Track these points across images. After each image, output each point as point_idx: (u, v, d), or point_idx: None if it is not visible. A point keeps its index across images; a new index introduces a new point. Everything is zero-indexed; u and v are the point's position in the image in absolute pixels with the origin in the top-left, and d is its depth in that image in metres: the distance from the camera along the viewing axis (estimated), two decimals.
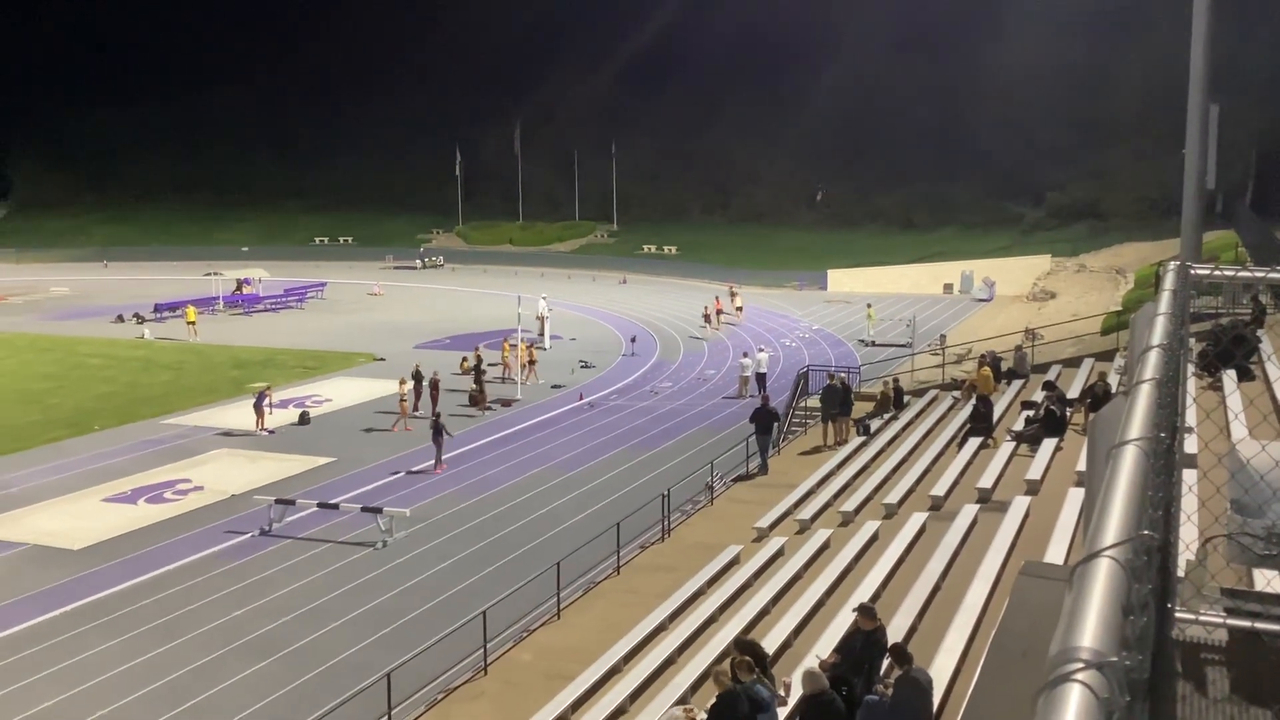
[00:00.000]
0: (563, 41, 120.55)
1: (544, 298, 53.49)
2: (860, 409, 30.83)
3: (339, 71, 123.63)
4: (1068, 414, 24.27)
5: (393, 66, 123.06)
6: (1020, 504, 19.02)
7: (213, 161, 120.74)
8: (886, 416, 30.13)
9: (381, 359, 47.44)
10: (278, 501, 25.50)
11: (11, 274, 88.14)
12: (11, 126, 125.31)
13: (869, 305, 56.10)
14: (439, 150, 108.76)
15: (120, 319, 59.63)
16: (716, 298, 62.05)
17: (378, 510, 24.76)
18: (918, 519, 19.77)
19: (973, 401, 26.85)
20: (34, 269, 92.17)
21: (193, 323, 54.62)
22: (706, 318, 57.96)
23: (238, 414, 36.44)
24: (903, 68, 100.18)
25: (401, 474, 29.97)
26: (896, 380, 32.77)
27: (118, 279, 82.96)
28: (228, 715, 16.52)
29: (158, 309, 60.82)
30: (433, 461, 30.26)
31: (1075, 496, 17.36)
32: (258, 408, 34.42)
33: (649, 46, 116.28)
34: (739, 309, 61.45)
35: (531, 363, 42.48)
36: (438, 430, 30.14)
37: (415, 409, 35.71)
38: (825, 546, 19.73)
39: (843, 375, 31.17)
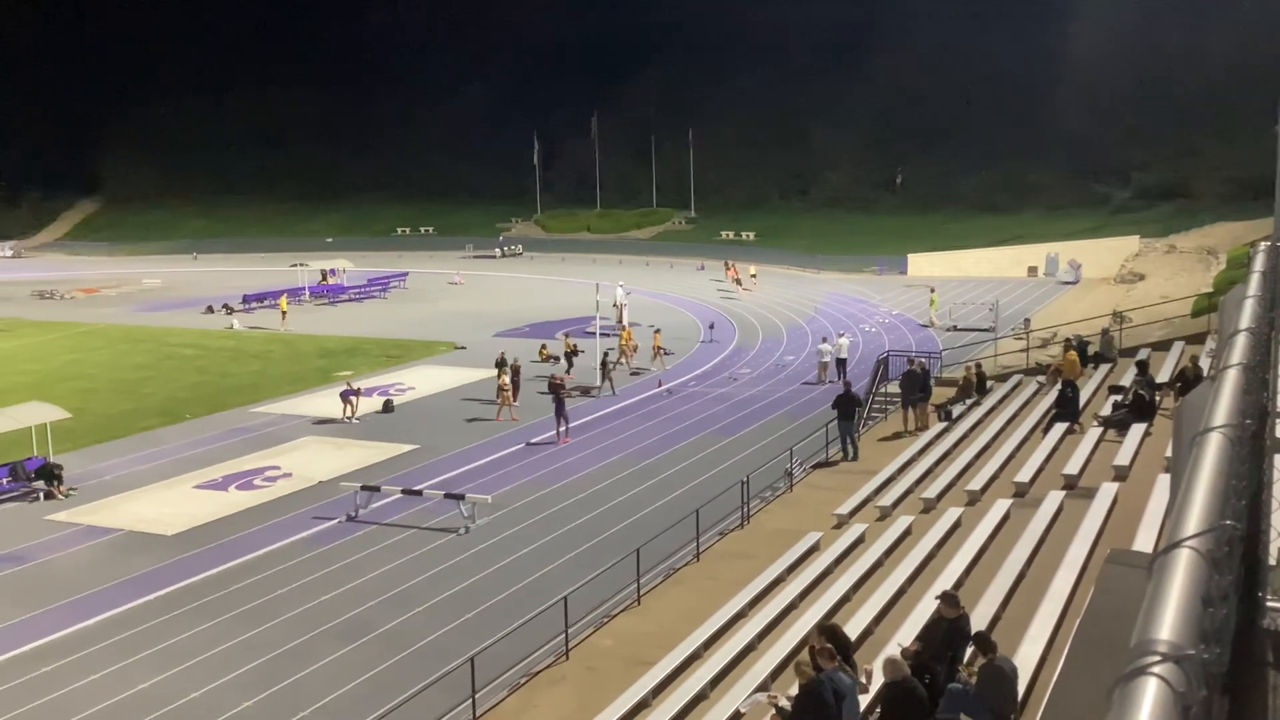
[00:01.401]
0: (639, 29, 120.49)
1: (621, 285, 53.62)
2: (942, 394, 30.47)
3: (418, 64, 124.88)
4: (1157, 398, 23.74)
5: (472, 58, 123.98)
6: (1108, 491, 18.66)
7: (297, 155, 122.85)
8: (969, 402, 29.70)
9: (462, 348, 47.97)
10: (363, 488, 25.95)
11: (105, 267, 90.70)
12: (103, 123, 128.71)
13: (932, 290, 55.35)
14: (517, 140, 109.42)
15: (210, 310, 61.08)
16: (734, 265, 71.85)
17: (460, 497, 25.08)
18: (1001, 506, 19.51)
19: (1058, 386, 26.38)
20: (126, 262, 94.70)
21: (285, 312, 55.91)
22: (738, 281, 67.96)
23: (324, 402, 37.14)
24: (982, 47, 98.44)
25: (521, 445, 31.65)
26: (979, 365, 32.29)
27: (207, 271, 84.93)
28: (317, 698, 16.89)
29: (246, 300, 62.19)
30: (554, 433, 31.93)
31: (1164, 483, 16.98)
32: (345, 397, 35.02)
33: (725, 31, 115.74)
34: (753, 276, 69.54)
35: (633, 349, 43.02)
36: (560, 403, 31.94)
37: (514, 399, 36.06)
38: (907, 533, 19.55)
39: (922, 360, 30.81)
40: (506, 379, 35.40)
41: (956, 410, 28.89)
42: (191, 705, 16.76)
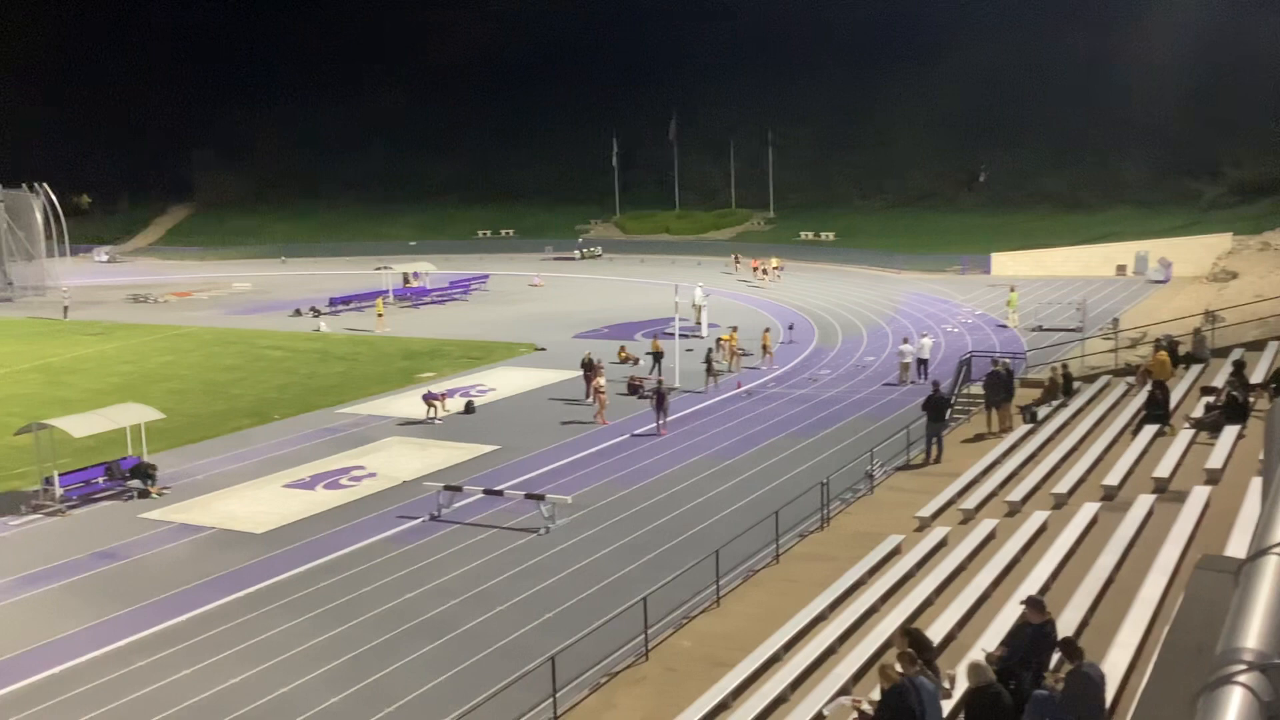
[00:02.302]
0: (717, 30, 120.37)
1: (700, 286, 53.56)
2: (1027, 395, 30.00)
3: (498, 68, 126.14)
4: (1250, 400, 23.11)
5: (551, 61, 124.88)
6: (1199, 494, 18.24)
7: (380, 158, 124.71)
8: (1055, 403, 29.20)
9: (542, 349, 48.31)
10: (446, 488, 26.28)
11: (196, 271, 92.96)
12: (194, 130, 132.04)
13: (1011, 289, 54.39)
14: (596, 141, 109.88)
15: (297, 313, 62.29)
16: (755, 259, 77.58)
17: (540, 497, 25.28)
18: (1089, 509, 19.15)
19: (1148, 387, 25.81)
20: (217, 266, 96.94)
21: (381, 314, 56.88)
22: (765, 272, 73.15)
23: (408, 403, 37.68)
24: (1067, 40, 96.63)
25: (627, 436, 32.81)
26: (1065, 366, 31.72)
27: (294, 274, 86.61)
28: (401, 694, 17.15)
29: (332, 303, 63.35)
30: (655, 425, 32.95)
31: (1258, 487, 16.52)
32: (428, 400, 35.47)
33: (804, 30, 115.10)
34: (776, 269, 74.37)
35: (736, 353, 42.82)
36: (660, 397, 32.93)
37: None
38: (991, 537, 19.28)
39: (1006, 361, 30.36)
40: (603, 380, 35.52)
41: (1042, 412, 28.42)
42: (280, 700, 17.12)
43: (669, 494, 27.00)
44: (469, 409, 36.82)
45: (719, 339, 43.68)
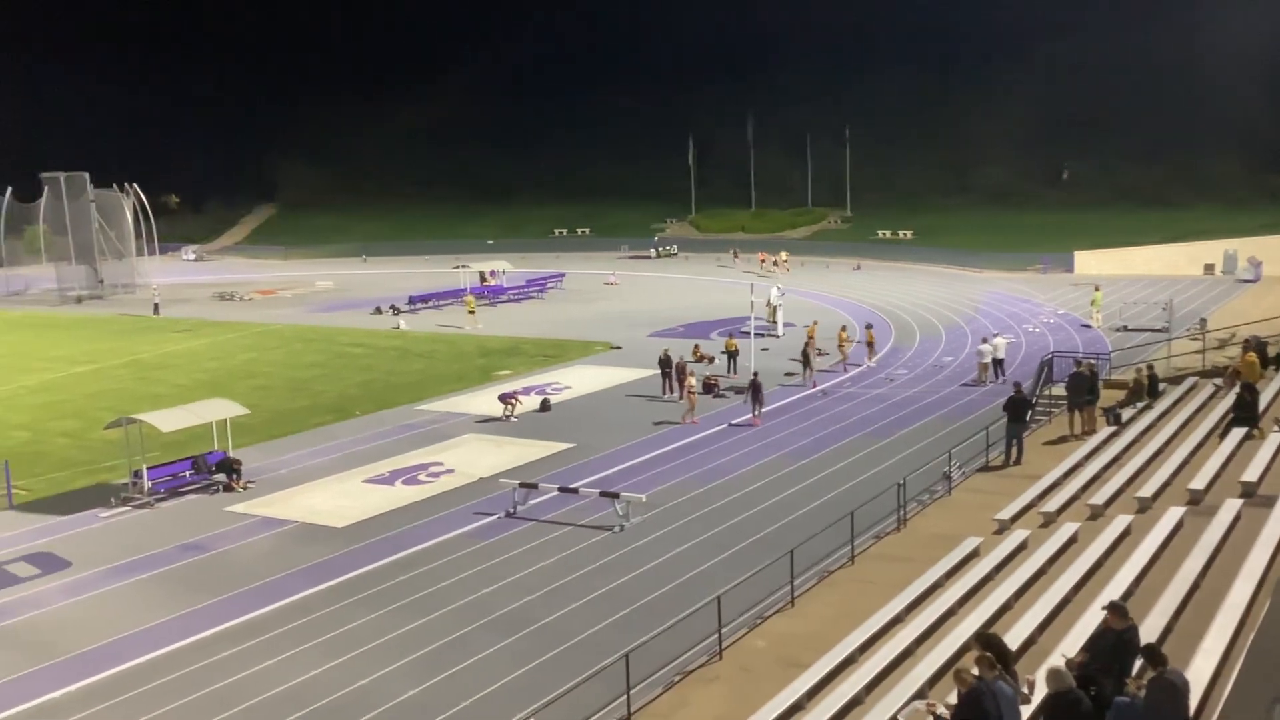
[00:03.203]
0: (793, 27, 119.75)
1: (776, 286, 53.35)
2: (1111, 397, 29.45)
3: (574, 66, 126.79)
4: None
5: (628, 60, 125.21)
6: None
7: (458, 158, 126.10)
8: (1139, 405, 28.64)
9: (618, 348, 48.51)
10: (521, 485, 26.51)
11: (280, 269, 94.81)
12: (276, 131, 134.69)
13: (1096, 288, 53.31)
14: (672, 140, 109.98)
15: (378, 310, 63.27)
16: (761, 253, 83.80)
17: (615, 495, 25.39)
18: (1174, 514, 18.78)
19: (1236, 389, 25.20)
20: (300, 264, 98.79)
21: (473, 311, 57.76)
22: (775, 263, 79.22)
23: (485, 400, 38.07)
24: (1152, 34, 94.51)
25: (724, 426, 33.67)
26: (1151, 367, 31.08)
27: (375, 273, 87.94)
28: (478, 688, 17.35)
29: (411, 301, 64.26)
30: (749, 415, 34.10)
31: None
32: (505, 400, 35.80)
33: (880, 26, 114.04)
34: (785, 260, 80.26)
35: (840, 347, 42.69)
36: (756, 389, 33.80)
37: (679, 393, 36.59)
38: (1072, 540, 18.99)
39: (1091, 361, 29.83)
40: (694, 380, 35.58)
41: (1126, 414, 27.89)
42: (359, 692, 17.42)
43: (743, 493, 26.96)
44: (545, 407, 37.08)
45: (810, 328, 43.87)
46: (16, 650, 19.44)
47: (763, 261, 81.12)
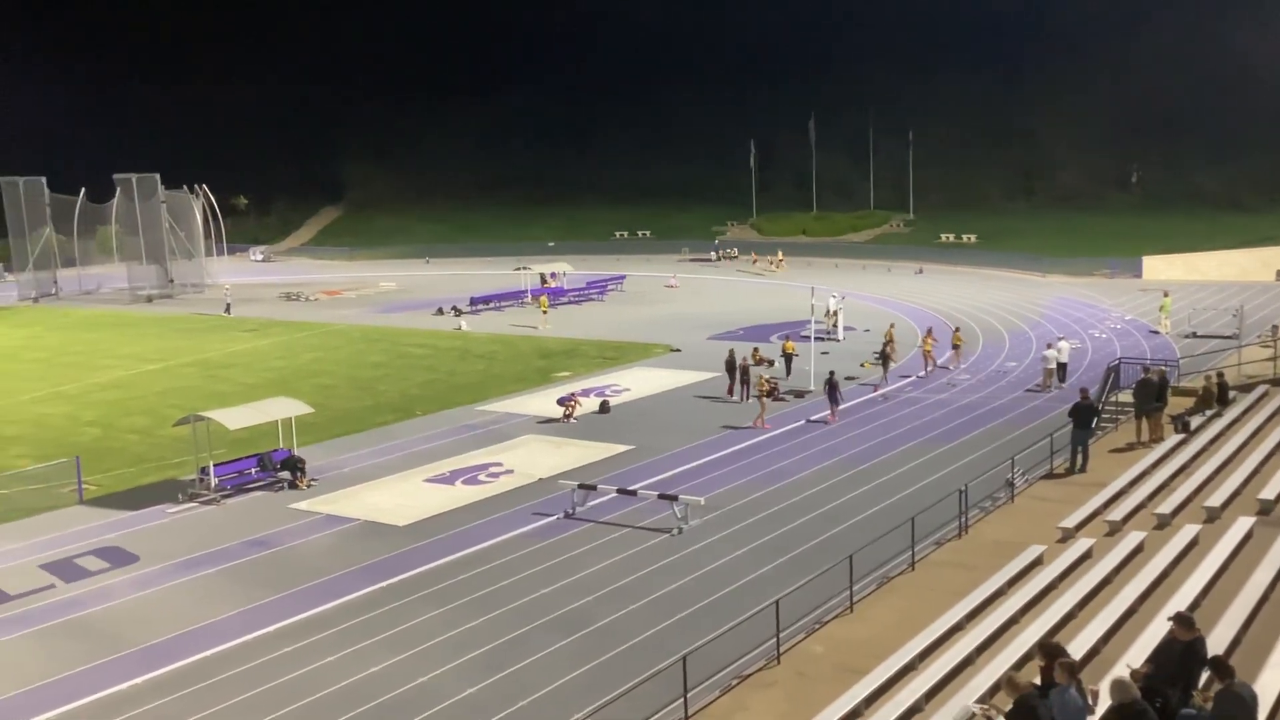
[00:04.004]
0: (855, 29, 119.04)
1: (834, 295, 52.95)
2: (1179, 405, 28.91)
3: (636, 69, 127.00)
4: None
5: (688, 62, 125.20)
6: None
7: (520, 160, 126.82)
8: (1209, 413, 28.07)
9: (677, 350, 48.50)
10: (580, 486, 26.61)
11: (345, 270, 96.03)
12: (344, 133, 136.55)
13: (1165, 294, 52.33)
14: (734, 142, 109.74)
15: (440, 311, 63.86)
16: (754, 253, 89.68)
17: (674, 497, 25.38)
18: (1243, 524, 18.40)
19: None
20: (365, 265, 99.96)
21: (545, 311, 58.29)
22: (771, 264, 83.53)
23: (544, 402, 38.27)
24: (1223, 34, 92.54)
25: (802, 423, 34.41)
26: (1221, 374, 30.45)
27: (437, 274, 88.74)
28: (537, 687, 17.44)
29: (473, 302, 64.81)
30: (826, 412, 34.81)
31: None
32: (564, 403, 35.97)
33: (945, 26, 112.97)
34: (780, 260, 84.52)
35: (925, 353, 42.15)
36: (833, 386, 34.27)
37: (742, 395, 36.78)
38: (1138, 550, 18.68)
39: (1161, 368, 29.31)
40: (765, 382, 35.55)
41: (1195, 422, 27.36)
42: (420, 689, 17.59)
43: (803, 497, 26.84)
44: (604, 409, 37.19)
45: (889, 330, 43.96)
46: (86, 642, 19.89)
47: (754, 261, 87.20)
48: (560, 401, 36.14)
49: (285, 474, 29.56)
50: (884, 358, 40.87)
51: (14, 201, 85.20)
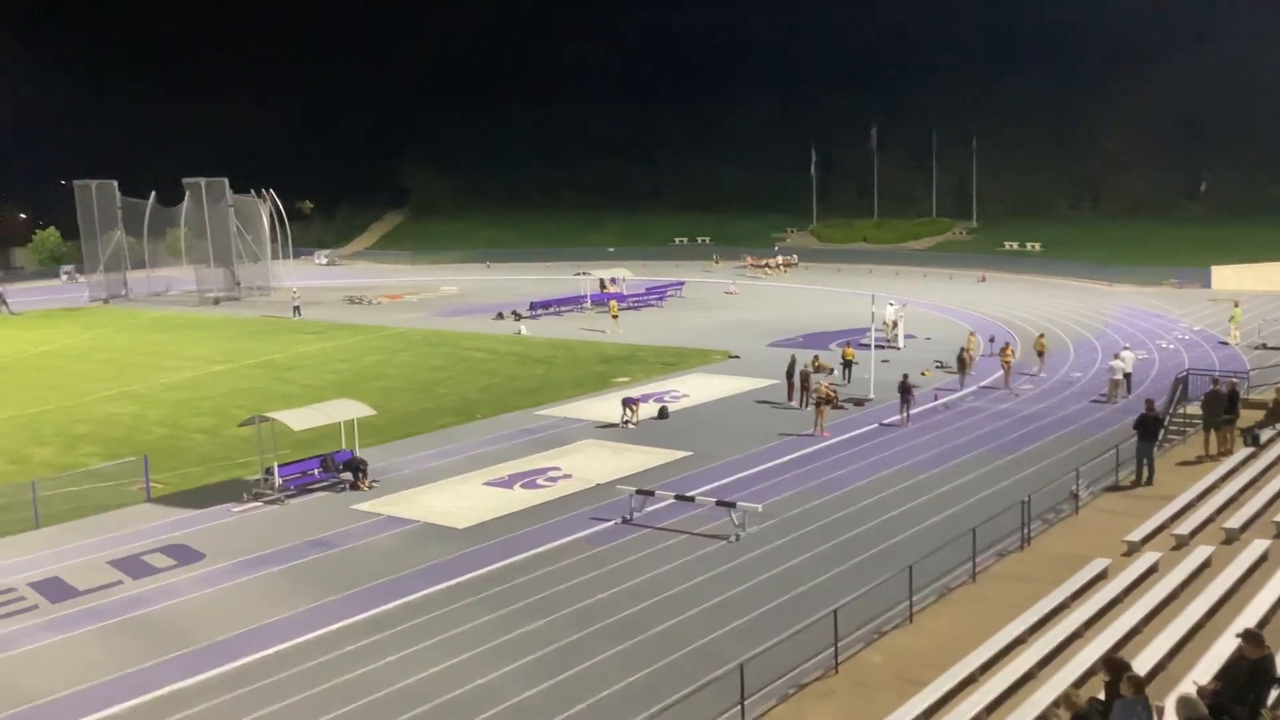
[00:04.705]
0: (919, 35, 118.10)
1: (892, 304, 52.52)
2: (1249, 417, 28.30)
3: (698, 76, 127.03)
4: None
5: (749, 69, 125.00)
6: None
7: (581, 167, 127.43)
8: (1279, 427, 27.45)
9: (736, 357, 48.41)
10: (638, 492, 26.63)
11: (408, 274, 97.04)
12: (409, 140, 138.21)
13: (1236, 304, 51.24)
14: (795, 149, 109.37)
15: (500, 316, 64.30)
16: (750, 258, 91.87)
17: (731, 504, 25.32)
18: None
19: None
20: (427, 270, 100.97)
21: (616, 316, 58.85)
22: (771, 267, 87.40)
23: (603, 406, 38.37)
24: None
25: (875, 425, 34.81)
26: None
27: (498, 279, 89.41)
28: (593, 692, 17.47)
29: (533, 307, 65.17)
30: (898, 416, 35.10)
31: None
32: (627, 405, 36.10)
33: (1009, 34, 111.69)
34: (780, 264, 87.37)
35: (1005, 363, 41.18)
36: (906, 390, 34.81)
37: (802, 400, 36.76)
38: (1205, 565, 18.32)
39: (1233, 380, 28.74)
40: (825, 389, 35.43)
41: (1265, 435, 26.77)
42: (477, 691, 17.70)
43: (861, 506, 26.65)
44: (663, 414, 37.20)
45: (970, 338, 44.38)
46: (152, 638, 20.25)
47: (750, 265, 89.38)
48: (625, 402, 36.19)
49: (347, 475, 29.90)
50: (961, 364, 40.72)
51: (86, 204, 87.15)
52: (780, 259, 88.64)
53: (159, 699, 17.84)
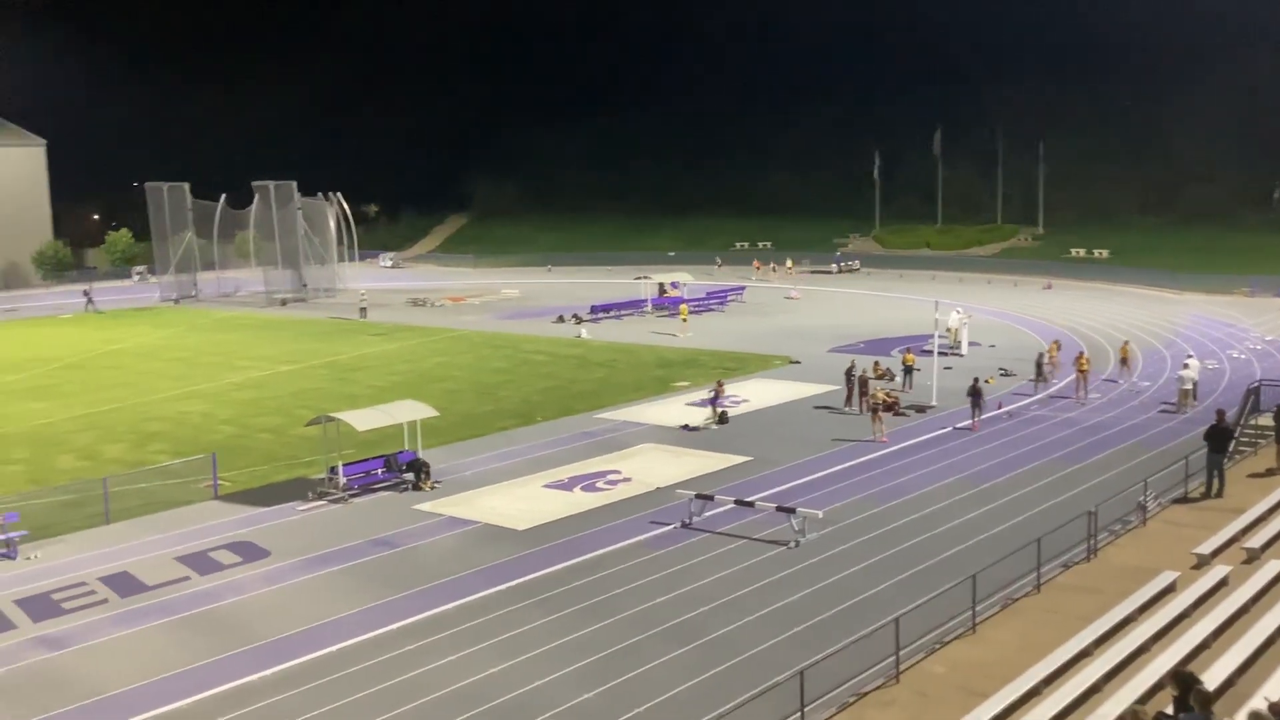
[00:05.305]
0: (986, 38, 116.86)
1: (957, 310, 51.98)
2: None
3: (759, 82, 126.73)
4: None
5: (812, 75, 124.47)
6: None
7: (641, 172, 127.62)
8: None
9: (796, 362, 48.18)
10: (697, 496, 26.60)
11: (470, 277, 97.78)
12: (473, 145, 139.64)
13: None
14: (857, 154, 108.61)
15: (560, 319, 64.57)
16: (756, 261, 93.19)
17: (791, 510, 25.20)
18: None
19: None
20: (489, 273, 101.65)
21: (685, 320, 58.88)
22: (776, 269, 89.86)
23: (661, 410, 38.39)
24: None
25: (948, 429, 34.84)
26: None
27: (559, 282, 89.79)
28: (649, 696, 17.47)
29: (593, 310, 65.35)
30: (970, 421, 34.97)
31: None
32: (713, 403, 36.43)
33: (1077, 38, 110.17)
34: (789, 268, 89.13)
35: (1081, 372, 40.28)
36: (977, 393, 34.67)
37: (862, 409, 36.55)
38: (1277, 579, 17.89)
39: None
40: (882, 395, 35.22)
41: None
42: (534, 693, 17.77)
43: (923, 514, 26.40)
44: (723, 419, 37.14)
45: (1052, 346, 44.25)
46: (219, 634, 20.60)
47: (758, 269, 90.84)
48: (713, 398, 36.37)
49: (410, 475, 30.20)
50: (1039, 371, 40.68)
51: (158, 206, 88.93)
52: (789, 263, 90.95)
53: (224, 694, 18.13)
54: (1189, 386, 37.22)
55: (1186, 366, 38.58)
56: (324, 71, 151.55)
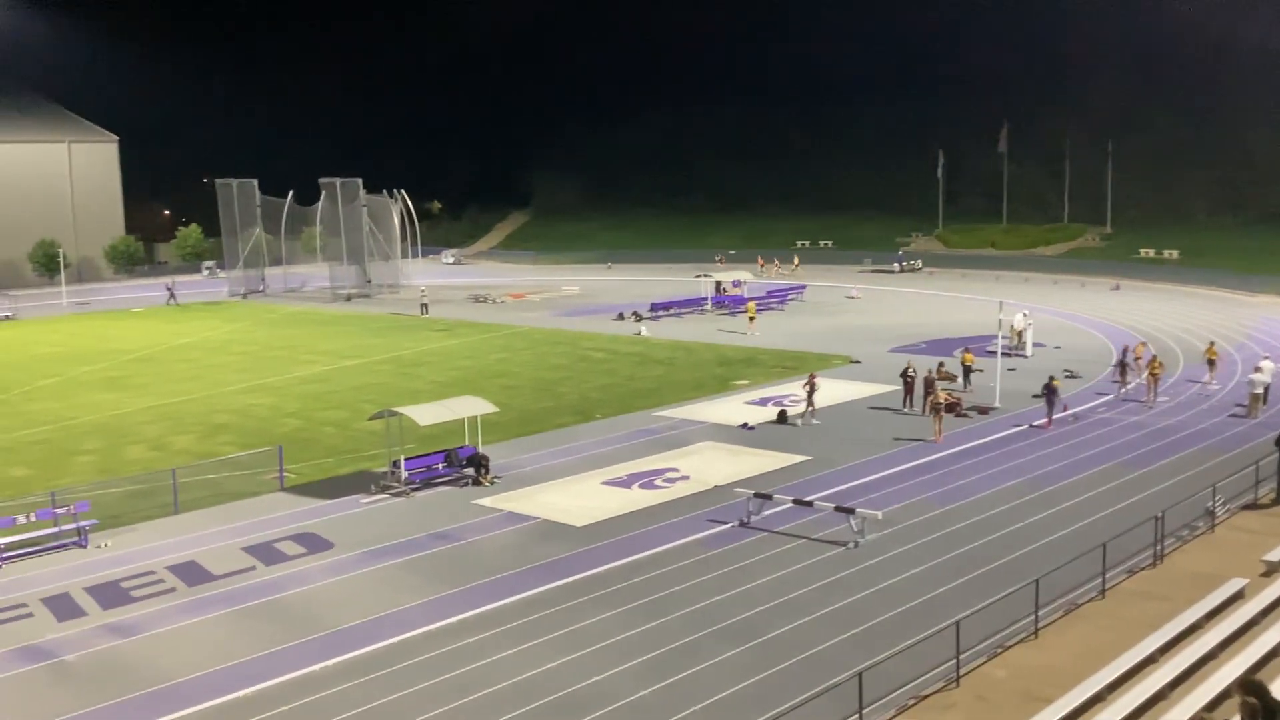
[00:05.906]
0: (1053, 36, 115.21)
1: (1024, 312, 51.32)
2: None
3: (823, 81, 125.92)
4: None
5: (875, 73, 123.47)
6: None
7: (703, 170, 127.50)
8: None
9: (857, 362, 47.89)
10: (756, 495, 26.53)
11: (530, 274, 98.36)
12: (534, 143, 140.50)
13: None
14: (921, 153, 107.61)
15: (620, 317, 64.72)
16: (759, 258, 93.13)
17: (850, 511, 25.06)
18: None
19: None
20: (549, 270, 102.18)
21: (753, 318, 58.84)
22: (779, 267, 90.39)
23: (721, 409, 38.34)
24: None
25: (1025, 427, 34.93)
26: None
27: (619, 279, 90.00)
28: (705, 695, 17.47)
29: (653, 308, 65.42)
30: (1044, 419, 35.10)
31: None
32: (809, 397, 36.73)
33: (1146, 36, 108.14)
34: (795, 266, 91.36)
35: (1153, 375, 39.45)
36: (1051, 391, 35.07)
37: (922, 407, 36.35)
38: None
39: None
40: (945, 396, 35.00)
41: None
42: (591, 689, 17.86)
43: (985, 516, 26.12)
44: (781, 418, 37.01)
45: (1139, 346, 43.94)
46: (284, 624, 20.94)
47: (762, 266, 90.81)
48: (808, 391, 36.82)
49: (470, 470, 30.45)
50: (1123, 370, 40.41)
51: (228, 202, 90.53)
52: (795, 261, 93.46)
53: (287, 683, 18.41)
54: (1260, 390, 36.43)
55: (1259, 370, 37.76)
56: (398, 73, 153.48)
